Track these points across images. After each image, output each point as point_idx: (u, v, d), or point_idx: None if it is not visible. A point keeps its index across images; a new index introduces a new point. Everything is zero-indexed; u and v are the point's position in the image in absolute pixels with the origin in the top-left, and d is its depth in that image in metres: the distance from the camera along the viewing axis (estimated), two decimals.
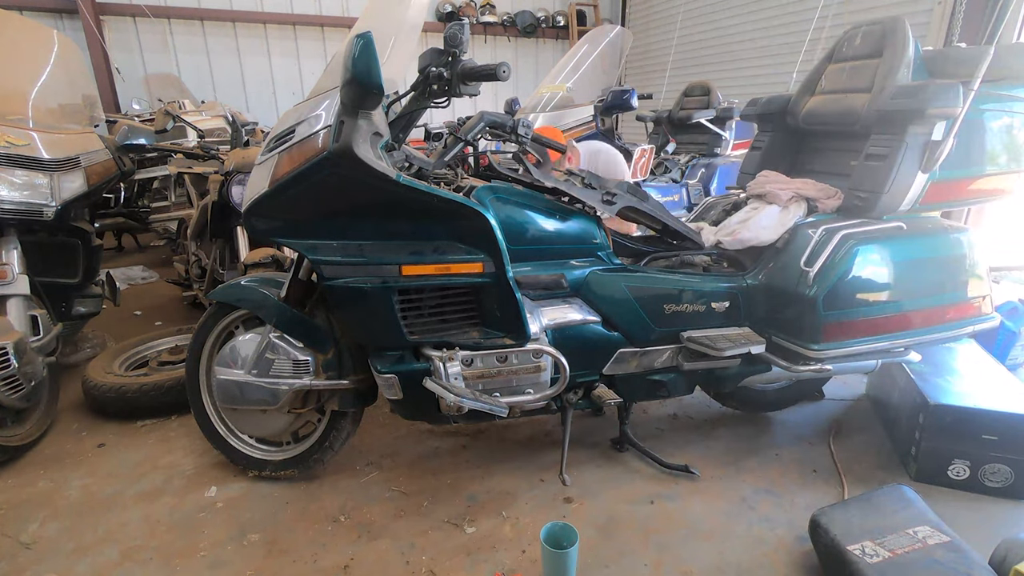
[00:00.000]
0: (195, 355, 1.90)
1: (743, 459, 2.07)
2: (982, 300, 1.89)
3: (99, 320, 2.95)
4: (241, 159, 2.67)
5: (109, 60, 6.54)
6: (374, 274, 1.53)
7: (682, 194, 3.84)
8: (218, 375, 1.79)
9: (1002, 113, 1.80)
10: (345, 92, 1.38)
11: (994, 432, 1.81)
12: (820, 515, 1.57)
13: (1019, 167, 1.88)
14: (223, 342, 1.88)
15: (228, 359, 1.79)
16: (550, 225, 1.73)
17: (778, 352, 1.86)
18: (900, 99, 1.72)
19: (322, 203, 1.50)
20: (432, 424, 1.90)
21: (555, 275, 1.72)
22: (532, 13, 8.78)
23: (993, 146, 1.83)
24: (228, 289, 1.85)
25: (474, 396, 1.58)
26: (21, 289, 2.14)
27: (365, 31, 1.33)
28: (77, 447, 2.15)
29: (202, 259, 3.13)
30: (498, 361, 1.68)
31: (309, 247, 1.52)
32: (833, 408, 2.44)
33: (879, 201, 1.77)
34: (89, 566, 1.59)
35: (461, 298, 1.64)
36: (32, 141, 2.20)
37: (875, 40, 1.93)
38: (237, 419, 1.88)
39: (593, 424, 2.30)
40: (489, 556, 1.62)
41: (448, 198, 1.51)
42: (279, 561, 1.61)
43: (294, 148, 1.49)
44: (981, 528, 1.70)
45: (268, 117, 7.17)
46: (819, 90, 2.15)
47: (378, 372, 1.64)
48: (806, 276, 1.72)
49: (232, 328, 1.90)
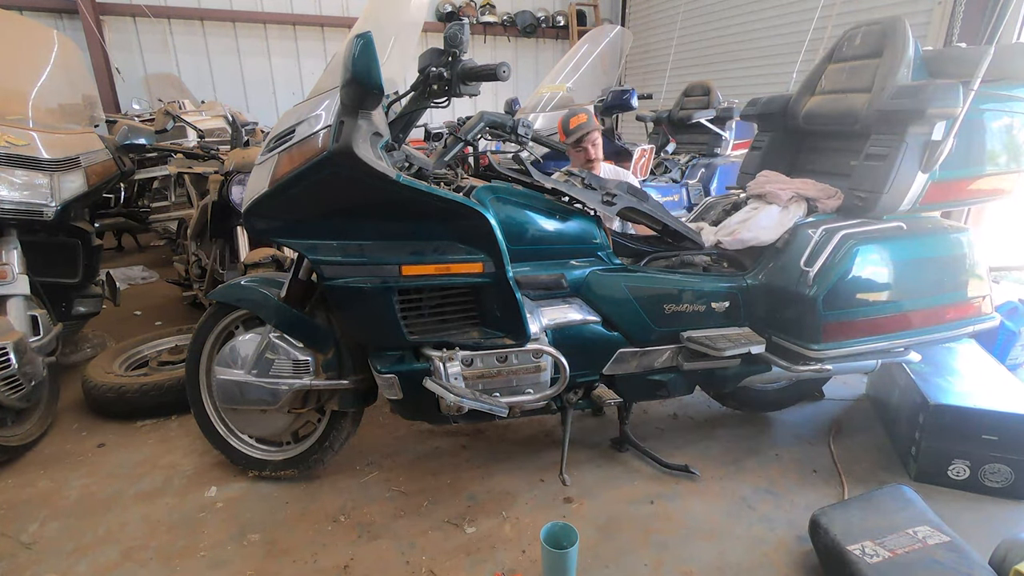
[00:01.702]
0: (195, 355, 1.90)
1: (743, 459, 2.07)
2: (982, 300, 1.89)
3: (99, 320, 2.95)
4: (241, 159, 2.67)
5: (109, 60, 6.53)
6: (374, 274, 1.53)
7: (682, 194, 3.84)
8: (218, 375, 1.79)
9: (1002, 113, 1.80)
10: (345, 92, 1.38)
11: (994, 432, 1.81)
12: (820, 515, 1.57)
13: (1019, 167, 1.88)
14: (223, 342, 1.88)
15: (228, 359, 1.79)
16: (550, 225, 1.73)
17: (778, 352, 1.86)
18: (900, 99, 1.71)
19: (322, 203, 1.50)
20: (432, 424, 1.90)
21: (555, 275, 1.72)
22: (532, 13, 8.78)
23: (993, 146, 1.83)
24: (228, 289, 1.85)
25: (474, 396, 1.58)
26: (21, 289, 2.13)
27: (365, 31, 1.33)
28: (77, 447, 2.15)
29: (202, 259, 3.13)
30: (498, 361, 1.68)
31: (309, 247, 1.52)
32: (833, 408, 2.44)
33: (879, 201, 1.77)
34: (89, 566, 1.59)
35: (461, 298, 1.64)
36: (32, 141, 2.20)
37: (875, 40, 1.93)
38: (237, 419, 1.88)
39: (593, 424, 2.30)
40: (489, 556, 1.62)
41: (448, 198, 1.51)
42: (279, 561, 1.61)
43: (294, 148, 1.49)
44: (981, 528, 1.70)
45: (268, 117, 7.16)
46: (819, 90, 2.15)
47: (378, 372, 1.64)
48: (806, 276, 1.72)
49: (232, 328, 1.90)
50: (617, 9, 8.80)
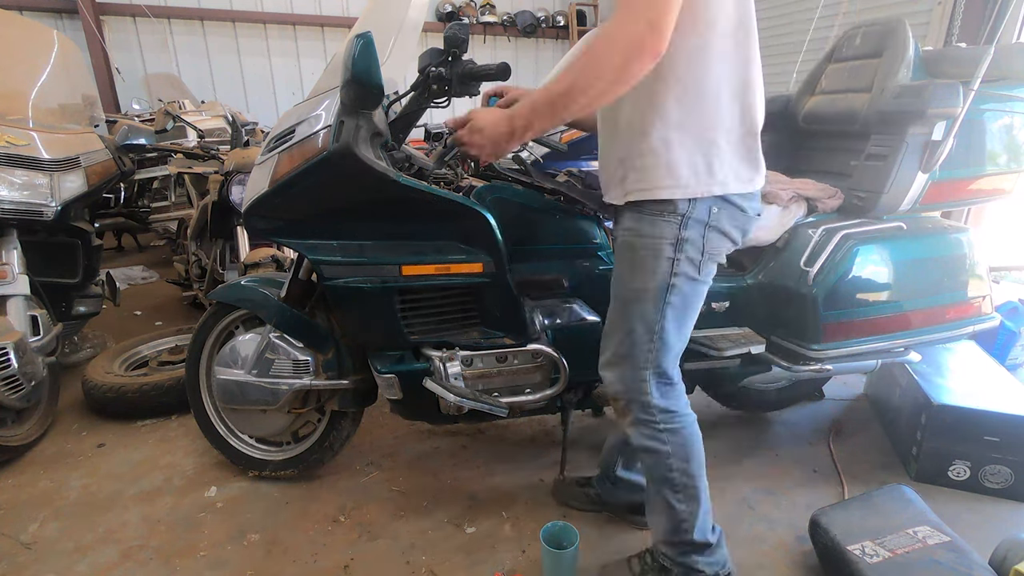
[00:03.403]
0: (195, 355, 1.90)
1: (743, 459, 2.07)
2: (982, 300, 1.89)
3: (99, 320, 2.95)
4: (241, 159, 2.67)
5: (109, 60, 6.53)
6: (374, 274, 1.52)
7: None
8: (218, 375, 1.79)
9: (1001, 113, 1.80)
10: (345, 92, 1.38)
11: (996, 433, 1.81)
12: (820, 515, 1.57)
13: (1019, 167, 1.88)
14: (223, 342, 1.88)
15: (228, 359, 1.79)
16: (550, 225, 1.72)
17: (778, 352, 1.85)
18: (901, 99, 1.71)
19: (322, 203, 1.50)
20: (432, 424, 1.90)
21: (555, 275, 1.72)
22: (532, 13, 8.78)
23: (992, 146, 1.83)
24: (228, 289, 1.85)
25: (474, 396, 1.58)
26: (21, 289, 2.13)
27: (365, 31, 1.33)
28: (77, 447, 2.15)
29: (202, 259, 3.13)
30: (498, 361, 1.68)
31: (309, 247, 1.52)
32: (833, 408, 2.44)
33: (879, 201, 1.77)
34: (89, 566, 1.59)
35: (460, 298, 1.64)
36: (32, 141, 2.19)
37: (875, 40, 1.93)
38: (237, 419, 1.88)
39: (593, 424, 2.30)
40: (489, 556, 1.62)
41: (449, 198, 1.50)
42: (279, 561, 1.61)
43: (294, 148, 1.49)
44: (981, 528, 1.70)
45: (268, 117, 7.16)
46: (819, 90, 2.15)
47: (378, 372, 1.64)
48: (806, 276, 1.72)
49: (232, 328, 1.90)
50: None
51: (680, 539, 1.39)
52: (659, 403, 1.34)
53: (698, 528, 1.37)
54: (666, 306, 1.29)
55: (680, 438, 1.37)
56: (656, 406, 1.34)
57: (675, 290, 1.28)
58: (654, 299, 1.29)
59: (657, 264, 1.27)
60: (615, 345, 1.36)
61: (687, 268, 1.27)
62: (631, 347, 1.33)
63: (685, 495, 1.36)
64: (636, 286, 1.31)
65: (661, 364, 1.33)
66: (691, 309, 1.33)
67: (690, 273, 1.27)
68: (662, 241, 1.25)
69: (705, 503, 1.40)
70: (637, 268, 1.30)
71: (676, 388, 1.38)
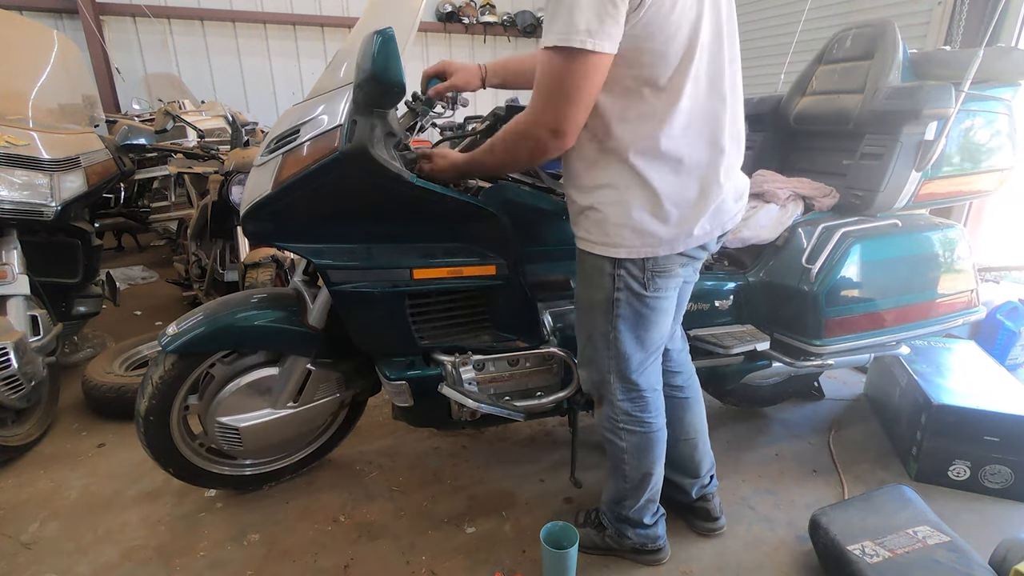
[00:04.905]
0: (162, 418, 1.62)
1: (743, 459, 2.07)
2: (971, 293, 1.93)
3: (99, 320, 2.95)
4: (241, 159, 2.67)
5: (109, 60, 6.53)
6: (385, 278, 1.47)
7: None
8: (240, 424, 1.63)
9: (984, 113, 1.83)
10: (361, 90, 1.31)
11: (996, 433, 1.81)
12: (820, 515, 1.57)
13: (1002, 165, 1.91)
14: (204, 390, 1.66)
15: (241, 404, 1.64)
16: (558, 226, 1.71)
17: (780, 348, 1.87)
18: (895, 100, 1.73)
19: (331, 205, 1.43)
20: (440, 429, 1.86)
21: (563, 276, 1.72)
22: (532, 13, 8.76)
23: (977, 146, 1.85)
24: (229, 330, 1.58)
25: (492, 402, 1.56)
26: (21, 289, 2.13)
27: (386, 27, 1.28)
28: (77, 447, 2.15)
29: (202, 259, 3.13)
30: (510, 364, 1.67)
31: (314, 251, 1.45)
32: (833, 407, 2.44)
33: (875, 199, 1.79)
34: (89, 566, 1.59)
35: (472, 301, 1.61)
36: (32, 141, 2.19)
37: (866, 42, 1.95)
38: (257, 453, 1.79)
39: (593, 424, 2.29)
40: (489, 556, 1.62)
41: (464, 200, 1.47)
42: (279, 561, 1.61)
43: (301, 148, 1.44)
44: (981, 528, 1.71)
45: (268, 117, 7.15)
46: (810, 91, 2.17)
47: (387, 379, 1.59)
48: (808, 273, 1.74)
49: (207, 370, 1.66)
50: None
51: (618, 511, 1.55)
52: (623, 406, 1.42)
53: (635, 509, 1.52)
54: (616, 318, 1.31)
55: (638, 439, 1.43)
56: (620, 408, 1.42)
57: (621, 304, 1.29)
58: (603, 311, 1.32)
59: (601, 279, 1.29)
60: (582, 347, 1.44)
61: (631, 283, 1.27)
62: (593, 352, 1.39)
63: (631, 483, 1.49)
64: (586, 296, 1.35)
65: (623, 371, 1.37)
66: (646, 321, 1.32)
67: (635, 288, 1.27)
68: (603, 259, 1.26)
69: (650, 492, 1.50)
70: (585, 279, 1.34)
71: (645, 396, 1.41)
